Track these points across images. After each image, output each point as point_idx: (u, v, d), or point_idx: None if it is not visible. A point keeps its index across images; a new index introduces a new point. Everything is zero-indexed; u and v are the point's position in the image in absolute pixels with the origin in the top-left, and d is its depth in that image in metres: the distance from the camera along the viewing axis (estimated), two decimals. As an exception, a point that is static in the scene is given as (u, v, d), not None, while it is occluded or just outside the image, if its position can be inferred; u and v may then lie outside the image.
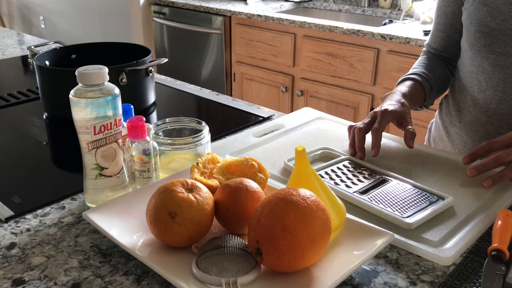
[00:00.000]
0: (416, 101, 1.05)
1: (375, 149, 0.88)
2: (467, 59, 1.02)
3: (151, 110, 1.23)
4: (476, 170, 0.82)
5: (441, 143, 1.14)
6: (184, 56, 3.28)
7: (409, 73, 1.10)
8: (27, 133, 1.10)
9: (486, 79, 0.98)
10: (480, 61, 0.98)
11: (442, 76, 1.11)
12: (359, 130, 0.91)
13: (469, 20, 0.99)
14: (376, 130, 0.90)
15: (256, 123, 1.13)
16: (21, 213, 0.77)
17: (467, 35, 1.00)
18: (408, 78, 1.07)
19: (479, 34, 0.96)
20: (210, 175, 0.75)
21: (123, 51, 1.32)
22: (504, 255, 0.64)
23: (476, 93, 1.01)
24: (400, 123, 0.94)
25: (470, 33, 0.99)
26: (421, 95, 1.06)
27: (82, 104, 0.70)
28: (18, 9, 5.33)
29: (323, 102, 2.63)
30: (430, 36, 1.16)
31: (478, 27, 0.96)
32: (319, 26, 2.49)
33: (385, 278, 0.63)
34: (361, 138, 0.91)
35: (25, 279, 0.62)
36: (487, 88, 0.99)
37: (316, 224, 0.58)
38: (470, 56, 1.01)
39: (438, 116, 1.17)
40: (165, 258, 0.63)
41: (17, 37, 2.09)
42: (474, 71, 1.00)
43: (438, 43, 1.13)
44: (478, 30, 0.96)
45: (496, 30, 0.93)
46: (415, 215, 0.72)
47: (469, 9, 0.99)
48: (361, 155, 0.90)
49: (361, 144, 0.90)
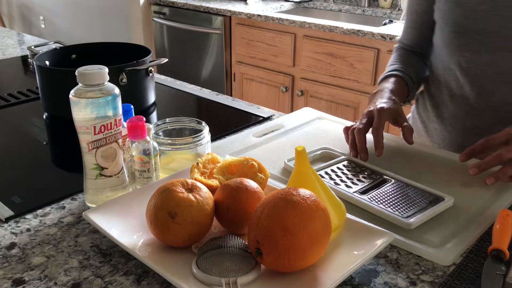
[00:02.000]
0: (401, 97, 1.05)
1: (379, 149, 0.86)
2: (443, 57, 1.03)
3: (151, 110, 1.23)
4: (478, 169, 0.82)
5: (419, 138, 1.14)
6: (184, 56, 3.28)
7: (389, 70, 1.09)
8: (27, 133, 1.10)
9: (463, 76, 0.99)
10: (456, 59, 0.99)
11: (420, 70, 1.12)
12: (358, 131, 0.89)
13: (443, 21, 0.99)
14: (376, 129, 0.88)
15: (256, 123, 1.13)
16: (21, 213, 0.77)
17: (441, 34, 1.01)
18: (390, 75, 1.07)
19: (454, 34, 0.97)
20: (210, 175, 0.75)
21: (123, 51, 1.32)
22: (504, 255, 0.64)
23: (453, 89, 1.02)
24: (396, 120, 0.93)
25: (445, 33, 0.99)
26: (405, 90, 1.06)
27: (82, 104, 0.70)
28: (18, 9, 5.33)
29: (323, 102, 2.63)
30: (402, 32, 1.16)
31: (452, 28, 0.97)
32: (319, 26, 2.49)
33: (385, 278, 0.63)
34: (362, 139, 0.89)
35: (25, 279, 0.62)
36: (464, 85, 0.99)
37: (316, 224, 0.58)
38: (446, 54, 1.01)
39: (415, 111, 1.18)
40: (165, 258, 0.63)
41: (17, 37, 2.09)
42: (451, 68, 1.01)
43: (410, 39, 1.14)
44: (452, 30, 0.97)
45: (471, 30, 0.94)
46: (415, 215, 0.72)
47: (443, 9, 0.99)
48: (364, 156, 0.88)
49: (362, 145, 0.89)
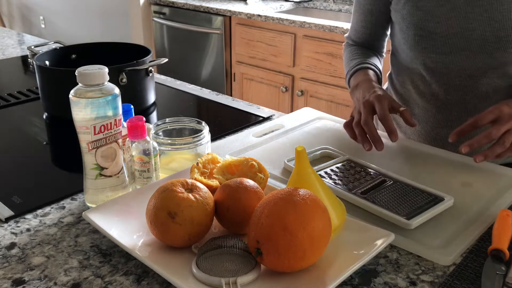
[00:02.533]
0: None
1: (394, 134, 0.86)
2: (408, 58, 1.03)
3: (151, 110, 1.23)
4: (469, 147, 0.83)
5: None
6: (184, 56, 3.28)
7: (354, 64, 1.08)
8: (27, 133, 1.10)
9: (430, 75, 1.00)
10: (422, 59, 1.00)
11: (378, 62, 1.12)
12: (366, 122, 0.88)
13: (405, 24, 0.99)
14: (384, 116, 0.87)
15: (256, 123, 1.13)
16: (21, 213, 0.77)
17: (405, 37, 1.01)
18: (359, 69, 1.06)
19: (417, 37, 0.98)
20: (210, 175, 0.75)
21: (123, 51, 1.32)
22: (504, 255, 0.64)
23: (421, 87, 1.03)
24: (392, 106, 0.91)
25: (409, 36, 0.99)
26: (378, 81, 1.07)
27: (82, 104, 0.70)
28: (18, 9, 5.33)
29: (323, 102, 2.63)
30: (353, 31, 1.15)
31: (416, 31, 0.97)
32: (319, 26, 2.49)
33: (385, 278, 0.63)
34: (373, 129, 0.87)
35: (25, 279, 0.62)
36: (432, 83, 1.01)
37: (316, 224, 0.58)
38: (412, 55, 1.02)
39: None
40: (165, 258, 0.63)
41: (17, 37, 2.09)
42: (416, 68, 1.02)
43: (362, 38, 1.14)
44: (416, 34, 0.97)
45: (433, 33, 0.95)
46: (415, 215, 0.72)
47: (402, 12, 0.99)
48: (380, 146, 0.86)
49: (376, 134, 0.87)
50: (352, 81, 1.06)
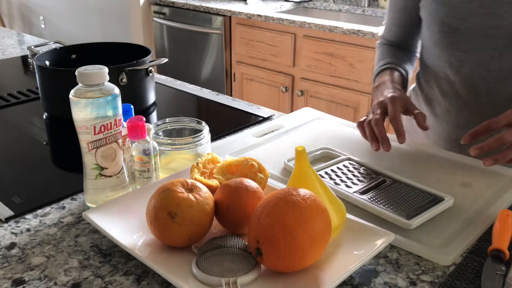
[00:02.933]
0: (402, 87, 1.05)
1: (401, 136, 0.86)
2: (433, 55, 1.03)
3: (151, 110, 1.23)
4: (479, 150, 0.81)
5: (414, 133, 1.14)
6: (184, 56, 3.28)
7: (382, 64, 1.09)
8: (27, 133, 1.10)
9: (453, 74, 0.99)
10: (447, 57, 0.99)
11: (408, 63, 1.12)
12: (376, 122, 0.89)
13: (430, 20, 0.99)
14: (394, 117, 0.88)
15: (256, 123, 1.13)
16: (21, 213, 0.77)
17: (430, 34, 1.01)
18: (384, 69, 1.07)
19: (442, 34, 0.97)
20: (210, 175, 0.75)
21: (123, 51, 1.32)
22: (504, 255, 0.64)
23: (444, 86, 1.03)
24: (407, 108, 0.92)
25: (433, 32, 0.99)
26: (403, 82, 1.07)
27: (82, 104, 0.70)
28: (18, 9, 5.33)
29: (323, 102, 2.63)
30: (386, 30, 1.16)
31: (440, 28, 0.97)
32: (319, 26, 2.49)
33: (385, 278, 0.63)
34: (382, 129, 0.88)
35: (25, 279, 0.62)
36: (456, 82, 1.00)
37: (316, 224, 0.58)
38: (436, 53, 1.01)
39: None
40: (165, 258, 0.63)
41: (17, 37, 2.09)
42: (442, 66, 1.01)
43: (395, 36, 1.13)
44: (440, 30, 0.97)
45: (458, 29, 0.94)
46: (415, 215, 0.72)
47: (429, 8, 0.99)
48: (388, 147, 0.87)
49: (384, 135, 0.88)
50: (376, 81, 1.07)
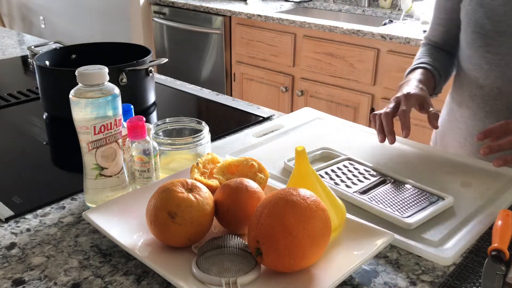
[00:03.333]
0: (429, 88, 1.06)
1: (406, 130, 0.88)
2: (465, 57, 1.03)
3: (151, 110, 1.23)
4: (489, 150, 0.83)
5: (446, 137, 1.14)
6: (184, 56, 3.28)
7: (416, 63, 1.10)
8: (27, 133, 1.10)
9: (483, 77, 0.99)
10: (477, 59, 0.99)
11: (446, 64, 1.12)
12: (385, 114, 0.91)
13: (466, 20, 0.99)
14: (403, 112, 0.90)
15: (256, 123, 1.13)
16: (21, 213, 0.77)
17: (464, 34, 1.01)
18: (417, 67, 1.08)
19: (475, 35, 0.97)
20: (210, 175, 0.75)
21: (123, 51, 1.32)
22: (504, 255, 0.64)
23: (473, 89, 1.03)
24: (422, 106, 0.94)
25: (467, 33, 0.99)
26: (432, 82, 1.07)
27: (82, 104, 0.70)
28: (18, 9, 5.33)
29: (323, 102, 2.63)
30: (430, 30, 1.16)
31: (474, 28, 0.97)
32: (319, 26, 2.49)
33: (385, 278, 0.63)
34: (390, 122, 0.91)
35: (25, 279, 0.62)
36: (484, 85, 1.00)
37: (316, 224, 0.58)
38: (468, 54, 1.02)
39: (445, 111, 1.18)
40: (165, 258, 0.63)
41: (17, 37, 2.09)
42: (472, 69, 1.01)
43: (437, 36, 1.13)
44: (474, 31, 0.97)
45: (492, 31, 0.94)
46: (415, 215, 0.72)
47: (467, 8, 0.99)
48: (392, 139, 0.90)
49: (390, 128, 0.90)
50: (405, 78, 1.08)
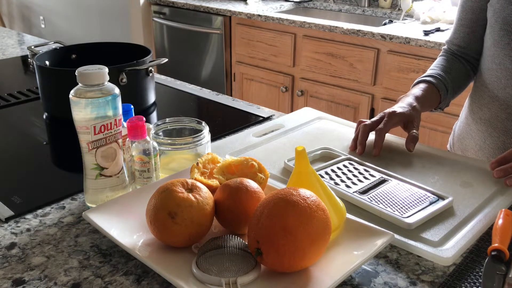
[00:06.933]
0: (431, 103, 1.06)
1: (376, 148, 0.92)
2: (489, 57, 1.03)
3: (151, 110, 1.23)
4: (503, 172, 0.84)
5: (464, 141, 1.14)
6: (184, 56, 3.28)
7: (426, 74, 1.10)
8: (27, 133, 1.10)
9: (506, 77, 0.99)
10: (502, 58, 0.99)
11: (460, 78, 1.11)
12: (364, 126, 0.95)
13: (494, 18, 0.99)
14: (379, 130, 0.93)
15: (256, 123, 1.13)
16: (21, 213, 0.77)
17: (491, 32, 1.01)
18: (423, 81, 1.08)
19: (503, 32, 0.97)
20: (210, 175, 0.75)
21: (123, 51, 1.32)
22: (504, 255, 0.64)
23: (495, 90, 1.02)
24: (406, 126, 0.97)
25: (495, 30, 0.99)
26: (436, 97, 1.07)
27: (82, 104, 0.70)
28: (18, 9, 5.33)
29: (323, 102, 2.63)
30: (453, 32, 1.14)
31: (502, 26, 0.97)
32: (319, 26, 2.49)
33: (385, 278, 0.63)
34: (364, 133, 0.95)
35: (25, 279, 0.62)
36: (507, 86, 0.99)
37: (316, 224, 0.58)
38: (493, 53, 1.01)
39: (463, 114, 1.18)
40: (165, 258, 0.63)
41: (17, 37, 2.09)
42: (495, 69, 1.01)
43: (461, 39, 1.12)
44: (502, 28, 0.97)
45: None
46: (415, 215, 0.72)
47: (495, 6, 0.99)
48: (360, 149, 0.93)
49: (362, 139, 0.94)
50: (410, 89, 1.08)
